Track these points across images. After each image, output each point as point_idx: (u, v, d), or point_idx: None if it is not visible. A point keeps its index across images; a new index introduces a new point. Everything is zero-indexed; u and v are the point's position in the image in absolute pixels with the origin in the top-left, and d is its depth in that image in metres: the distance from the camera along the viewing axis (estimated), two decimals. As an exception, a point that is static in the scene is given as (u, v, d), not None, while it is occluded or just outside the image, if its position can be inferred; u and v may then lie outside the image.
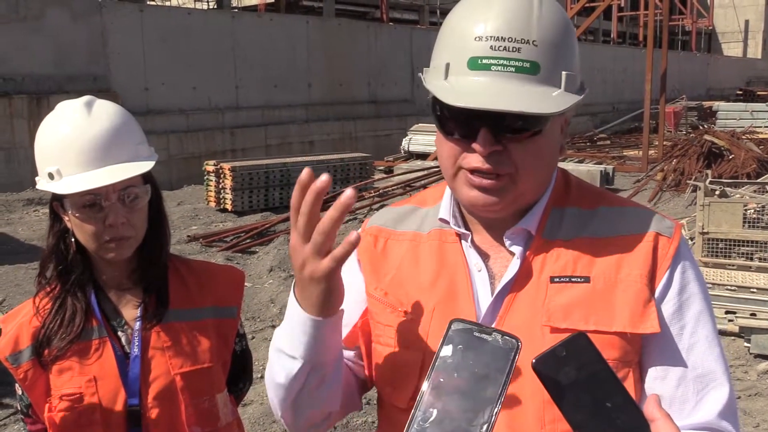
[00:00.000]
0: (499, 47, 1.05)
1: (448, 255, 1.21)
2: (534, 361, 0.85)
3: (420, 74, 1.17)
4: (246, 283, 6.85)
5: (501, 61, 1.05)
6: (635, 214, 1.19)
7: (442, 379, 0.84)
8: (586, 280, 1.13)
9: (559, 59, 1.08)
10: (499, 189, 1.11)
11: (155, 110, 13.73)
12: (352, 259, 1.34)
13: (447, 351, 0.86)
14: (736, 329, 5.54)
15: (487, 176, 1.10)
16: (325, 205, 0.93)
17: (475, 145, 1.08)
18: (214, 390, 1.64)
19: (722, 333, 5.43)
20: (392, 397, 1.21)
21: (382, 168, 14.78)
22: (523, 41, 1.05)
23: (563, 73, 1.08)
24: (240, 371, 1.79)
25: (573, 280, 1.13)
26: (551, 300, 1.12)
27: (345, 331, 1.28)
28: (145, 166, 1.54)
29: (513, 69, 1.05)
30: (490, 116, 1.05)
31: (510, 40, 1.05)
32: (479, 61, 1.06)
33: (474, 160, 1.10)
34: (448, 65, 1.09)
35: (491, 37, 1.05)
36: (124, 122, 1.55)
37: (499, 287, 1.15)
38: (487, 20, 1.06)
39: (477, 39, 1.06)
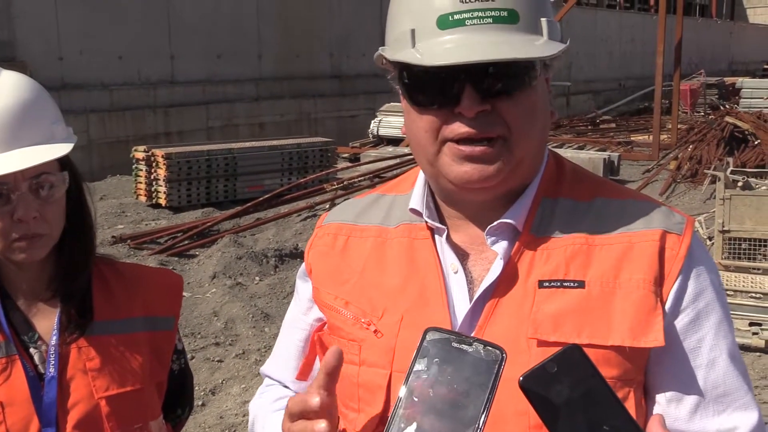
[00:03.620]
0: None
1: (419, 254, 1.23)
2: (521, 378, 0.86)
3: (378, 52, 1.19)
4: (184, 293, 6.84)
5: (475, 14, 1.08)
6: (639, 207, 1.21)
7: (416, 398, 0.86)
8: (581, 284, 1.14)
9: (536, 6, 1.12)
10: (494, 157, 1.13)
11: (72, 84, 13.55)
12: (302, 269, 1.37)
13: (421, 365, 0.87)
14: (762, 344, 5.64)
15: (478, 143, 1.12)
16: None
17: (460, 108, 1.10)
18: (147, 416, 1.64)
19: (745, 348, 5.53)
20: (356, 424, 1.22)
21: (346, 156, 14.79)
22: None
23: (543, 20, 1.12)
24: (178, 394, 1.79)
25: (565, 284, 1.15)
26: (539, 308, 1.14)
27: (297, 365, 1.30)
28: (62, 149, 1.53)
29: (490, 20, 1.08)
30: (472, 74, 1.08)
31: None
32: (450, 18, 1.09)
33: (460, 126, 1.12)
34: (413, 31, 1.12)
35: None
36: (35, 97, 1.54)
37: (478, 292, 1.17)
38: None
39: None
